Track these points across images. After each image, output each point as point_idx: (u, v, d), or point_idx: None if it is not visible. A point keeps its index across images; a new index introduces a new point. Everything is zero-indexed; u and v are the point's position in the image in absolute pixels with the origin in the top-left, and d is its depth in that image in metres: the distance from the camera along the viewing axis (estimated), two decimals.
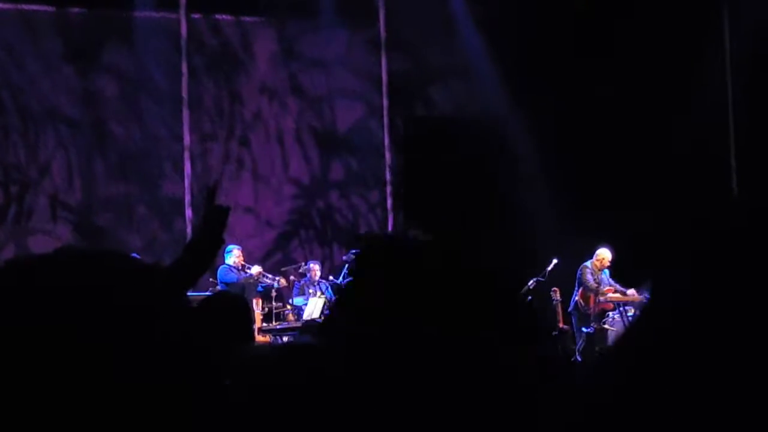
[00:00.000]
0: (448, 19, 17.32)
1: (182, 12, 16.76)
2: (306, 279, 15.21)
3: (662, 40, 16.09)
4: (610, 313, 14.88)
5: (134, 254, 15.07)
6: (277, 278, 14.94)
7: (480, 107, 17.49)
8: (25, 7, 16.08)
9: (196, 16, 16.90)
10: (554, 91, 15.99)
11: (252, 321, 4.16)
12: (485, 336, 1.89)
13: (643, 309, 1.30)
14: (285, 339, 14.30)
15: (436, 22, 17.12)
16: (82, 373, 1.30)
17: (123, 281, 1.39)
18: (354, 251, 16.04)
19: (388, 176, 17.79)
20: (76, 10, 16.26)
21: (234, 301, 4.34)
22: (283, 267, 15.80)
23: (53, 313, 1.32)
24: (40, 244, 15.37)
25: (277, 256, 16.96)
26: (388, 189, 17.78)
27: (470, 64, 17.46)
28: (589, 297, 14.93)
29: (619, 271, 14.95)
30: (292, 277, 15.28)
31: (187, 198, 16.61)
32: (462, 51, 17.43)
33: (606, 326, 14.54)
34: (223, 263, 14.46)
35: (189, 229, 16.48)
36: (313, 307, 14.62)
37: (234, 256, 14.60)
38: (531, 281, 14.79)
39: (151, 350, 1.34)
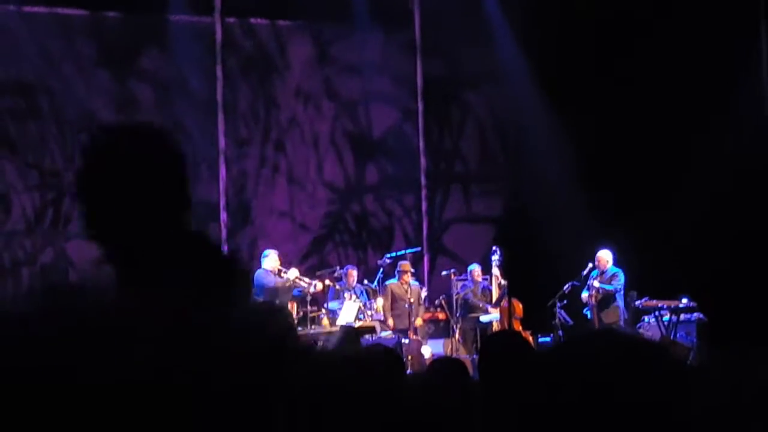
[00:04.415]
0: (483, 22, 17.25)
1: (217, 16, 16.75)
2: (341, 283, 15.10)
3: (699, 46, 15.92)
4: (646, 317, 14.85)
5: None
6: (313, 282, 14.81)
7: (514, 112, 17.46)
8: (60, 10, 16.09)
9: (231, 20, 16.89)
10: (590, 95, 15.85)
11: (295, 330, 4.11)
12: None
13: None
14: (319, 344, 14.29)
15: (472, 25, 17.04)
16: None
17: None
18: (389, 255, 16.04)
19: (423, 180, 17.75)
20: (111, 14, 16.27)
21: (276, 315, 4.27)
22: (318, 271, 15.75)
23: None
24: (76, 249, 15.43)
25: (312, 260, 16.95)
26: (423, 192, 17.73)
27: (505, 68, 17.38)
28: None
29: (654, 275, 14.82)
30: (327, 282, 15.18)
31: (222, 202, 16.62)
32: (497, 55, 17.35)
33: (641, 330, 14.49)
34: (260, 267, 14.42)
35: (224, 234, 16.50)
36: (348, 311, 14.59)
37: (271, 260, 14.54)
38: (567, 285, 14.86)
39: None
